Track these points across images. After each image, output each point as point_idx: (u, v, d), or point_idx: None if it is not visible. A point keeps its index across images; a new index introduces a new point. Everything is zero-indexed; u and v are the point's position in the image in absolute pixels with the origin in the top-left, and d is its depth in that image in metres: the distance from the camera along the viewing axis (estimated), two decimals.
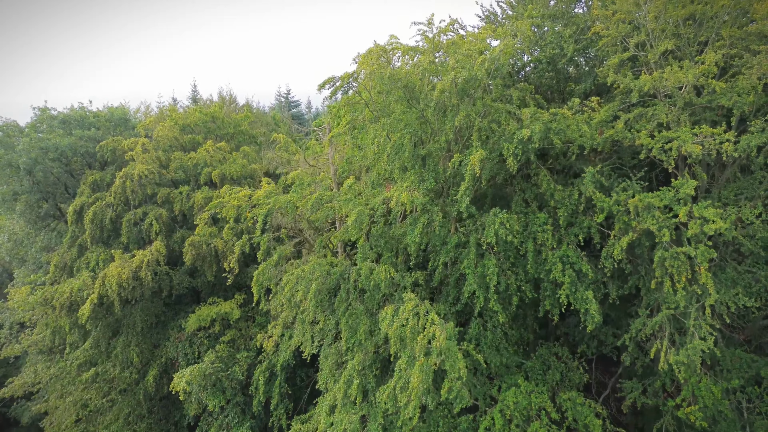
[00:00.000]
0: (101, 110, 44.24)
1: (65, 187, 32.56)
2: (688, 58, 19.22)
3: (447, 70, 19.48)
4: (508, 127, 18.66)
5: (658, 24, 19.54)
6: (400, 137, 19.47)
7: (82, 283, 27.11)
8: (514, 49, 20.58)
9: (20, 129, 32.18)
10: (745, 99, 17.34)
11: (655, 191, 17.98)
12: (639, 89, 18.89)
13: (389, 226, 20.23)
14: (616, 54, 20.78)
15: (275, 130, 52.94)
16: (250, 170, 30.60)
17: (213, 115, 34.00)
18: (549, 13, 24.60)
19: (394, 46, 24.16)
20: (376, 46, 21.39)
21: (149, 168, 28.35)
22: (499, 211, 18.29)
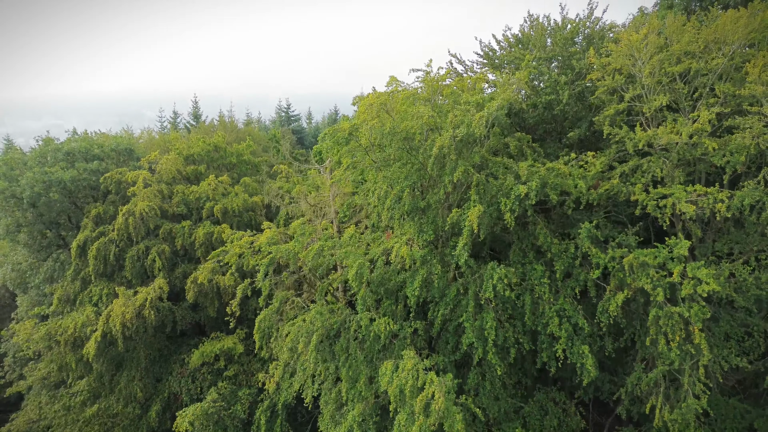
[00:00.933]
0: (106, 133, 44.54)
1: (68, 217, 32.88)
2: (682, 115, 19.58)
3: (446, 122, 19.85)
4: (505, 181, 19.00)
5: (653, 78, 19.87)
6: (400, 190, 19.84)
7: (86, 318, 27.49)
8: (512, 97, 20.99)
9: (24, 161, 32.51)
10: (737, 158, 17.70)
11: (650, 247, 18.38)
12: (634, 145, 19.23)
13: (389, 271, 20.53)
14: (612, 105, 21.15)
15: (276, 147, 53.47)
16: (251, 203, 30.96)
17: (216, 145, 34.35)
18: (546, 56, 24.98)
19: (394, 89, 24.63)
20: (376, 95, 21.77)
21: (151, 204, 28.68)
22: (496, 265, 18.64)
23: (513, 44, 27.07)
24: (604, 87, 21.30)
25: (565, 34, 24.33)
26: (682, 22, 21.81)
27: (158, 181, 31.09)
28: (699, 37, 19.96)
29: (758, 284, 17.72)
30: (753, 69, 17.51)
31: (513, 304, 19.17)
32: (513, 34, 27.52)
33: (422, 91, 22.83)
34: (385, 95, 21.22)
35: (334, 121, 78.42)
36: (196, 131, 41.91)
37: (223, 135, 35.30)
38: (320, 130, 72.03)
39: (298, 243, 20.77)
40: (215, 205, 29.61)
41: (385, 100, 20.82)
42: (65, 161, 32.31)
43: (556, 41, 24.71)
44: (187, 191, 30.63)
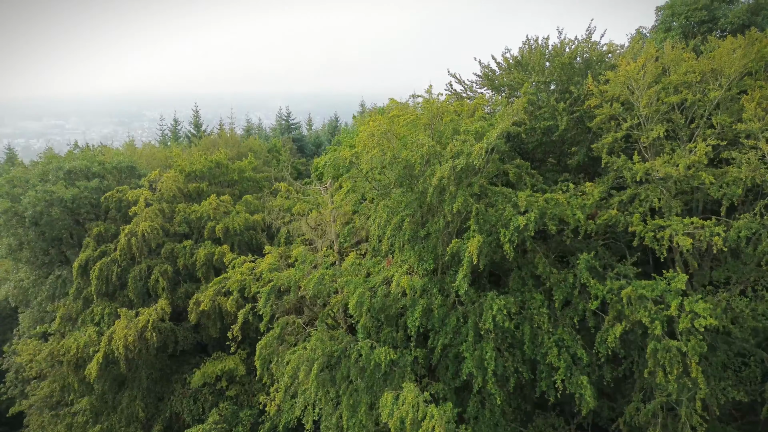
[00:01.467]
0: (108, 146, 44.68)
1: (70, 234, 33.06)
2: (680, 144, 19.77)
3: (446, 151, 20.05)
4: (504, 211, 19.18)
5: (650, 108, 20.05)
6: (400, 219, 20.04)
7: (88, 338, 27.69)
8: (510, 127, 21.19)
9: (26, 178, 32.69)
10: (734, 190, 17.89)
11: (649, 275, 18.58)
12: (632, 177, 19.43)
13: (389, 300, 20.68)
14: (610, 132, 21.34)
15: (276, 158, 53.62)
16: (252, 222, 31.14)
17: (218, 162, 34.52)
18: (544, 80, 25.18)
19: (394, 112, 24.84)
20: (376, 123, 21.99)
21: (153, 224, 28.86)
22: (496, 295, 18.84)
23: (512, 66, 27.25)
24: (602, 115, 21.49)
25: (563, 58, 24.47)
26: (680, 50, 22.02)
27: (159, 200, 31.26)
28: (696, 67, 20.13)
29: (755, 316, 17.92)
30: (749, 104, 17.70)
31: (512, 333, 19.35)
32: (512, 56, 27.74)
33: (422, 111, 23.17)
34: (386, 124, 21.43)
35: (334, 128, 78.51)
36: (197, 145, 42.06)
37: (225, 152, 35.47)
38: (320, 137, 72.21)
39: (299, 271, 20.95)
40: (217, 224, 29.79)
41: (387, 128, 21.01)
42: (66, 179, 32.50)
43: (554, 66, 24.88)
44: (189, 210, 30.81)
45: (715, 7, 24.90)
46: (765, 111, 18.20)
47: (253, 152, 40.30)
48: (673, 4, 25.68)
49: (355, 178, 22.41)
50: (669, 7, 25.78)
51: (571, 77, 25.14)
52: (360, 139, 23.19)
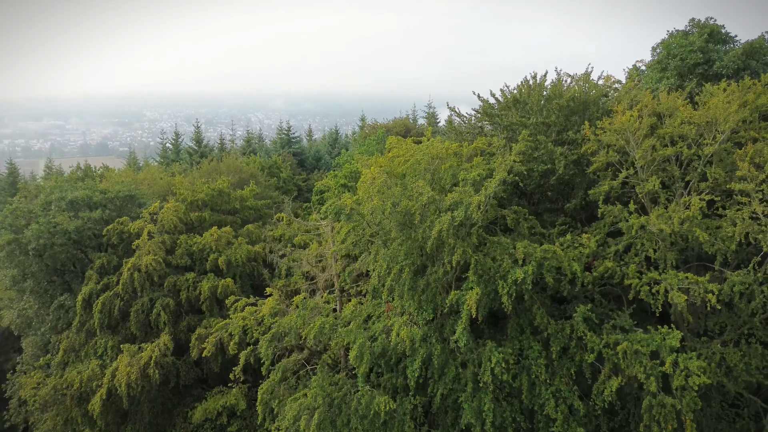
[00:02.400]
0: (111, 168, 44.94)
1: (73, 264, 33.36)
2: (675, 195, 20.10)
3: (445, 200, 20.39)
4: (502, 263, 19.50)
5: (646, 159, 20.37)
6: (399, 269, 20.35)
7: (91, 372, 28.03)
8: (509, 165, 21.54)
9: (29, 209, 32.97)
10: (728, 245, 18.21)
11: (646, 320, 18.92)
12: (628, 229, 19.74)
13: (389, 349, 20.99)
14: (607, 180, 21.67)
15: (277, 177, 53.98)
16: (253, 253, 31.46)
17: (220, 191, 34.86)
18: (541, 121, 25.50)
19: (394, 152, 25.17)
20: (377, 169, 22.33)
21: (155, 258, 29.17)
22: (495, 347, 19.17)
23: (511, 103, 27.56)
24: (598, 163, 21.80)
25: (562, 101, 24.77)
26: (675, 98, 22.33)
27: (161, 231, 31.56)
28: (692, 119, 20.43)
29: (748, 370, 18.24)
30: (743, 163, 18.00)
31: (510, 384, 19.66)
32: (511, 92, 28.08)
33: (422, 154, 23.47)
34: (386, 164, 21.82)
35: (334, 140, 78.88)
36: (199, 168, 42.33)
37: (227, 180, 35.78)
38: (320, 151, 72.51)
39: (300, 318, 21.26)
40: (219, 257, 30.11)
41: (386, 178, 21.33)
42: (69, 209, 32.80)
43: (552, 108, 25.18)
44: (191, 242, 31.14)
45: (710, 49, 25.18)
46: (758, 168, 18.53)
47: (254, 179, 40.56)
48: (669, 45, 25.95)
49: (355, 222, 22.75)
50: (665, 47, 26.06)
51: (569, 117, 25.48)
52: (362, 181, 23.51)
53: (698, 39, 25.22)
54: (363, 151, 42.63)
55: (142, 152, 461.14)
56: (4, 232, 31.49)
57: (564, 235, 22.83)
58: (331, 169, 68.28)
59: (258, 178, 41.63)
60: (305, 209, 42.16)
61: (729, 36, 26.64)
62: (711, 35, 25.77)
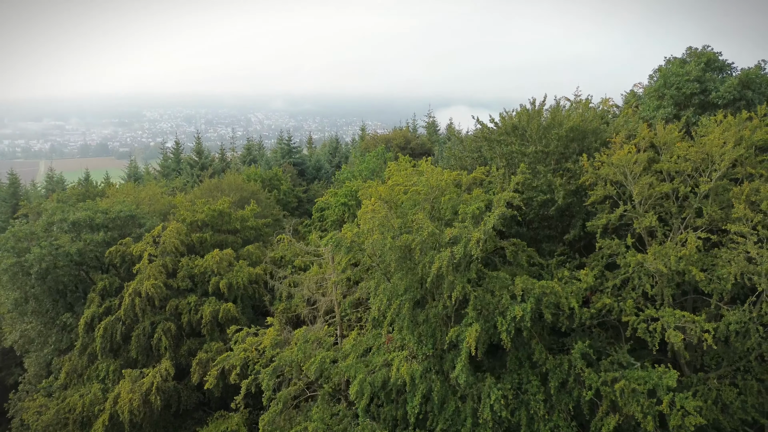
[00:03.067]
0: (113, 183, 45.08)
1: (75, 285, 33.59)
2: (671, 228, 20.34)
3: (444, 235, 20.61)
4: (501, 299, 19.73)
5: (643, 195, 20.60)
6: (399, 304, 20.59)
7: (93, 396, 28.25)
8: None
9: (31, 231, 33.16)
10: (724, 284, 18.44)
11: (642, 367, 19.12)
12: (625, 266, 19.97)
13: (389, 384, 21.22)
14: (604, 213, 21.90)
15: (277, 189, 54.19)
16: (254, 276, 31.69)
17: (220, 211, 35.07)
18: (540, 149, 25.72)
19: (394, 179, 25.38)
20: (378, 201, 22.57)
21: (157, 282, 29.38)
22: (494, 383, 19.41)
23: (510, 129, 27.78)
24: (596, 196, 22.03)
25: (561, 131, 24.98)
26: (672, 130, 22.54)
27: (162, 254, 31.77)
28: (688, 155, 20.64)
29: (744, 408, 18.47)
30: (738, 204, 18.22)
31: (509, 420, 19.88)
32: (510, 116, 28.34)
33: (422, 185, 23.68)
34: (386, 207, 21.99)
35: (334, 148, 79.08)
36: (200, 185, 42.53)
37: (227, 200, 36.00)
38: (321, 160, 72.73)
39: (300, 352, 21.49)
40: (220, 280, 30.34)
41: (386, 213, 21.55)
42: (71, 231, 33.01)
43: (551, 137, 25.40)
44: (192, 264, 31.35)
45: (707, 78, 25.38)
46: (754, 208, 18.76)
47: (255, 197, 40.79)
48: (665, 74, 26.16)
49: (355, 252, 22.99)
50: (662, 76, 26.27)
51: (568, 145, 25.71)
52: (363, 212, 23.73)
53: (695, 68, 25.44)
54: (363, 168, 42.83)
55: (142, 152, 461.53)
56: (6, 255, 31.70)
57: (563, 266, 23.12)
58: (331, 179, 68.72)
59: (259, 195, 41.82)
60: (305, 226, 42.38)
61: (726, 64, 26.87)
62: (708, 64, 25.99)
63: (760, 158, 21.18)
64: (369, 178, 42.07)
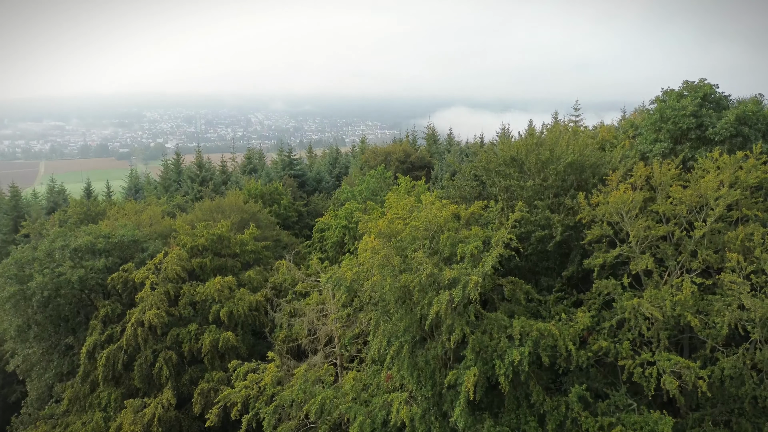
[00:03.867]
0: (114, 201, 45.27)
1: (77, 310, 33.86)
2: (667, 277, 20.56)
3: (444, 275, 20.86)
4: (500, 342, 19.98)
5: (639, 238, 20.84)
6: (399, 345, 20.83)
7: (95, 425, 28.55)
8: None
9: (33, 257, 33.42)
10: (718, 331, 18.68)
11: (638, 411, 19.39)
12: (621, 309, 20.22)
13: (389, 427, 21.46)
14: (601, 252, 22.15)
15: (277, 204, 54.44)
16: (255, 303, 31.95)
17: (220, 236, 35.33)
18: (538, 183, 26.00)
19: (393, 212, 25.61)
20: (378, 241, 22.83)
21: (159, 312, 29.65)
22: (493, 426, 19.66)
23: (508, 161, 28.02)
24: (592, 236, 22.28)
25: (559, 166, 25.22)
26: (668, 169, 22.79)
27: (164, 281, 32.02)
28: (683, 197, 20.88)
29: None
30: (732, 254, 18.45)
31: None
32: (509, 146, 28.62)
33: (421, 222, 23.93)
34: (385, 247, 22.23)
35: (335, 159, 79.40)
36: (201, 205, 42.69)
37: (227, 223, 36.26)
38: (321, 172, 72.98)
39: (301, 391, 21.74)
40: (221, 308, 30.60)
41: (386, 253, 21.79)
42: (73, 257, 33.26)
43: (549, 172, 25.65)
44: (194, 291, 31.62)
45: (703, 113, 25.57)
46: (747, 254, 19.00)
47: (255, 219, 41.05)
48: (662, 108, 26.37)
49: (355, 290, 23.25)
50: (658, 110, 26.48)
51: (565, 178, 25.97)
52: (362, 248, 23.99)
53: (691, 103, 25.63)
54: (363, 188, 43.09)
55: (142, 153, 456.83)
56: (8, 282, 32.00)
57: (561, 302, 23.39)
58: (332, 192, 68.95)
59: (259, 216, 42.07)
60: (306, 247, 42.62)
61: (723, 97, 27.07)
62: (704, 98, 26.18)
63: (755, 199, 21.42)
64: (369, 199, 42.37)
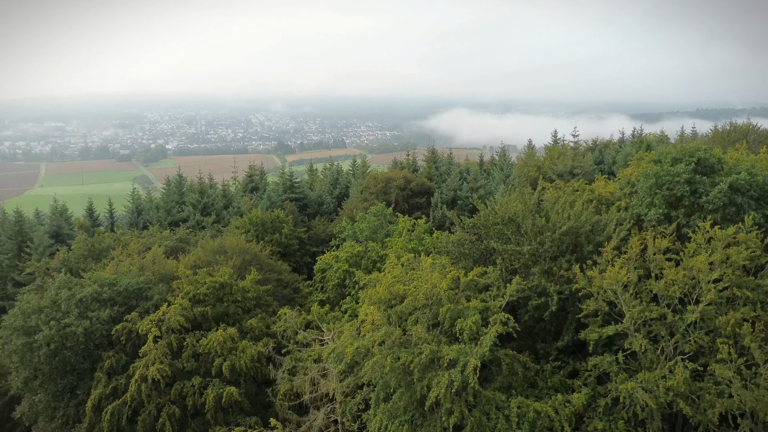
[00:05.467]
0: (120, 244, 45.69)
1: (83, 358, 34.39)
2: (660, 361, 21.07)
3: (444, 353, 21.41)
4: (497, 423, 20.51)
5: (633, 318, 21.36)
6: (399, 424, 21.38)
7: None
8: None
9: (39, 307, 33.95)
10: (710, 417, 19.19)
11: None
12: (616, 389, 20.73)
13: None
14: (596, 327, 22.67)
15: (278, 233, 54.94)
16: (257, 355, 32.50)
17: (222, 284, 35.86)
18: (535, 246, 26.49)
19: (393, 274, 26.09)
20: (375, 315, 23.34)
21: (162, 367, 30.18)
22: None
23: (507, 221, 28.53)
24: (588, 310, 22.80)
25: (555, 235, 25.72)
26: (662, 242, 23.29)
27: (168, 332, 32.55)
28: (677, 280, 21.38)
29: None
30: (723, 346, 18.93)
31: None
32: (507, 206, 29.12)
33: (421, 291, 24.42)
34: (385, 323, 22.75)
35: (335, 179, 79.82)
36: (204, 247, 43.04)
37: (228, 271, 36.77)
38: (322, 196, 73.37)
39: None
40: (223, 362, 31.14)
41: (387, 331, 22.31)
42: (79, 307, 33.78)
43: (545, 238, 26.15)
44: (197, 344, 32.16)
45: (697, 180, 26.04)
46: (738, 341, 19.50)
47: (257, 261, 41.57)
48: (657, 173, 26.83)
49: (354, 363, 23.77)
50: (653, 175, 26.94)
51: (561, 243, 26.48)
52: (363, 315, 24.50)
53: (685, 169, 26.08)
54: (364, 228, 43.55)
55: (142, 155, 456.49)
56: (15, 334, 32.57)
57: (558, 372, 23.96)
58: (332, 216, 69.40)
59: (261, 257, 42.57)
60: (308, 286, 43.10)
61: (718, 160, 27.53)
62: (698, 163, 26.64)
63: (745, 279, 21.90)
64: (370, 239, 42.84)
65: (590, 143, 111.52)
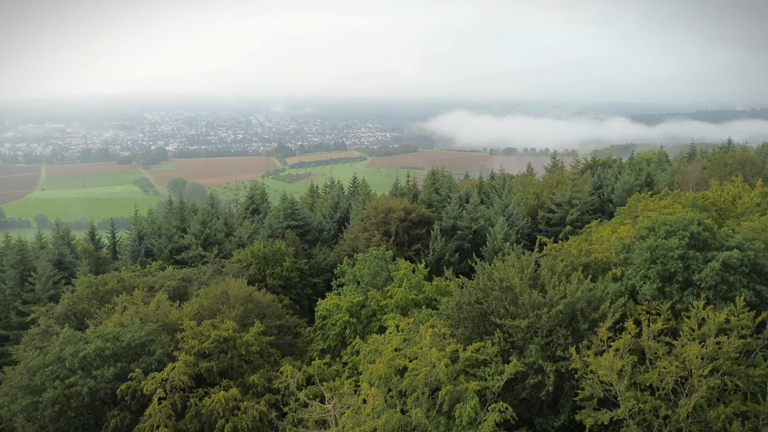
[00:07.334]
0: (122, 299, 46.06)
1: (89, 413, 34.96)
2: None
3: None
4: None
5: (628, 408, 21.89)
6: None
7: None
8: None
9: (44, 364, 34.50)
10: None
11: None
12: None
13: None
14: (591, 411, 23.21)
15: (280, 266, 55.54)
16: (259, 415, 33.06)
17: (225, 338, 36.45)
18: (532, 320, 26.99)
19: (393, 344, 26.63)
20: (375, 398, 23.89)
21: (166, 429, 30.74)
22: None
23: (504, 288, 29.02)
24: (584, 394, 23.32)
25: (552, 312, 26.18)
26: (656, 326, 23.81)
27: (172, 391, 33.11)
28: (670, 370, 21.91)
29: None
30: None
31: None
32: (505, 272, 29.61)
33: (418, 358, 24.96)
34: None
35: (336, 204, 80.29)
36: (206, 295, 43.54)
37: (232, 324, 37.33)
38: (323, 223, 73.86)
39: None
40: (226, 423, 31.71)
41: (388, 417, 22.86)
42: (83, 364, 34.33)
43: (542, 313, 26.64)
44: (200, 405, 32.72)
45: (690, 256, 26.52)
46: None
47: (260, 309, 42.16)
48: (651, 247, 27.31)
49: None
50: (648, 248, 27.42)
51: (557, 316, 26.97)
52: (364, 392, 25.00)
53: (679, 244, 26.54)
54: (365, 273, 44.03)
55: (143, 158, 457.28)
56: (21, 393, 33.16)
57: None
58: (333, 243, 69.90)
59: (263, 305, 43.13)
60: (309, 333, 43.60)
61: (714, 232, 27.99)
62: (692, 237, 27.10)
63: (737, 369, 22.41)
64: (371, 285, 43.33)
65: (589, 158, 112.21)
